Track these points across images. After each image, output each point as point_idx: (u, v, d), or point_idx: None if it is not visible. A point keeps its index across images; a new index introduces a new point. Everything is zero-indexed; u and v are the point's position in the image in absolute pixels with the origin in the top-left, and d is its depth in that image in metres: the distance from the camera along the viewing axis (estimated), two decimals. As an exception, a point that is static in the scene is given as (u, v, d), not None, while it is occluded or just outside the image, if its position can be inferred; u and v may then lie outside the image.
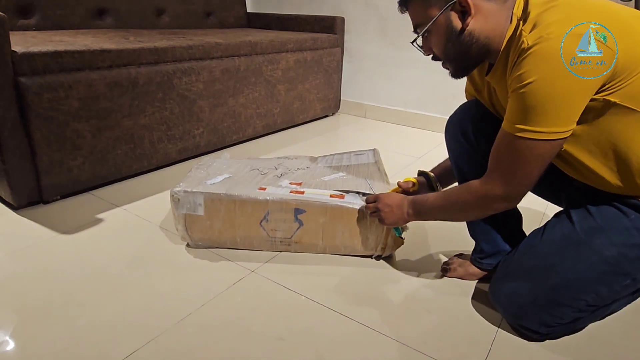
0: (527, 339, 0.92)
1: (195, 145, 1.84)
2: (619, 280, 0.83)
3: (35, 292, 1.01)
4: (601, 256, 0.82)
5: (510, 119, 0.78)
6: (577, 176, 0.87)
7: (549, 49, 0.71)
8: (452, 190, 0.93)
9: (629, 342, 0.94)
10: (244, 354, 0.86)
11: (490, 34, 0.82)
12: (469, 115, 1.02)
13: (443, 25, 0.83)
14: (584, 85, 0.72)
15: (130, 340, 0.88)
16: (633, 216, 0.82)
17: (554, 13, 0.74)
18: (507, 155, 0.81)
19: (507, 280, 0.92)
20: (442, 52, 0.87)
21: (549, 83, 0.72)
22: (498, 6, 0.80)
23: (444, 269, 1.14)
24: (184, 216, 1.14)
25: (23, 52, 1.24)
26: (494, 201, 0.86)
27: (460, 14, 0.81)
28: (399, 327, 0.95)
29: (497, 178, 0.84)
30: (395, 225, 1.07)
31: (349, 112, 2.86)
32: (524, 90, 0.74)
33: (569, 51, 0.71)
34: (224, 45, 1.88)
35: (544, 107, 0.73)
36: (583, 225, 0.85)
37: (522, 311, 0.89)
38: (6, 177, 1.30)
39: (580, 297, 0.84)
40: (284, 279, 1.10)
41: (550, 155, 0.79)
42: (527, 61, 0.73)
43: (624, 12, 0.76)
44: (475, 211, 0.93)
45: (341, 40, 2.63)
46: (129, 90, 1.52)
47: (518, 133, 0.77)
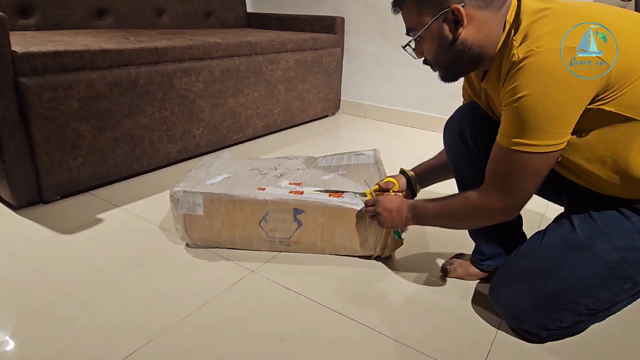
0: (527, 341, 0.92)
1: (195, 145, 1.84)
2: (619, 284, 0.82)
3: (35, 292, 1.01)
4: (602, 260, 0.82)
5: (505, 132, 0.78)
6: (577, 180, 0.87)
7: (539, 63, 0.71)
8: (451, 200, 0.93)
9: (629, 342, 0.94)
10: (244, 354, 0.86)
11: (483, 42, 0.81)
12: (467, 120, 1.02)
13: (435, 32, 0.82)
14: (580, 90, 0.71)
15: (130, 340, 0.88)
16: (634, 219, 0.82)
17: (544, 24, 0.73)
18: (504, 168, 0.81)
19: (507, 284, 0.92)
20: (434, 58, 0.87)
21: (541, 97, 0.72)
22: (492, 14, 0.80)
23: (443, 269, 1.14)
24: (184, 216, 1.14)
25: (23, 52, 1.24)
26: (493, 213, 0.86)
27: (453, 22, 0.80)
28: (399, 327, 0.95)
29: (495, 190, 0.84)
30: (394, 228, 1.07)
31: (349, 112, 2.86)
32: (517, 105, 0.74)
33: (569, 51, 0.71)
34: (224, 45, 1.88)
35: (538, 121, 0.73)
36: (584, 229, 0.85)
37: (522, 315, 0.89)
38: (6, 177, 1.30)
39: (581, 302, 0.84)
40: (284, 279, 1.10)
41: (547, 168, 0.79)
42: (518, 75, 0.73)
43: (620, 20, 0.75)
44: (473, 222, 0.94)
45: (341, 40, 2.63)
46: (129, 90, 1.52)
47: (513, 147, 0.77)
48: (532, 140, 0.75)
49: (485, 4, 0.79)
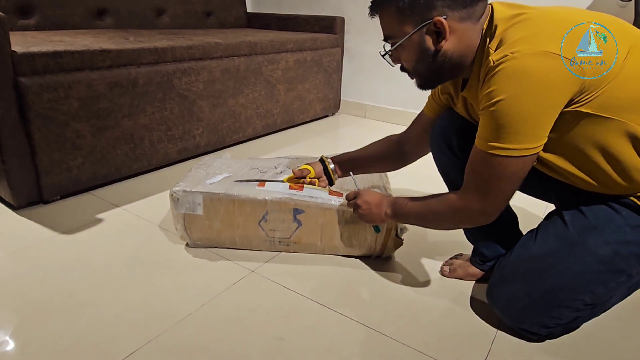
0: (528, 340, 0.92)
1: (195, 145, 1.84)
2: (614, 278, 0.83)
3: (35, 292, 1.01)
4: (596, 256, 0.82)
5: (482, 136, 0.79)
6: (563, 179, 0.88)
7: (514, 67, 0.71)
8: (431, 200, 0.93)
9: (629, 342, 0.94)
10: (244, 354, 0.86)
11: (463, 51, 0.82)
12: (451, 128, 1.02)
13: (416, 43, 0.82)
14: (556, 94, 0.72)
15: (130, 340, 0.88)
16: (624, 213, 0.83)
17: (519, 29, 0.74)
18: (481, 172, 0.81)
19: (504, 284, 0.92)
20: (412, 67, 0.87)
21: (516, 101, 0.72)
22: (472, 24, 0.80)
23: (443, 270, 1.14)
24: (183, 216, 1.14)
25: (23, 52, 1.24)
26: (471, 215, 0.86)
27: (434, 34, 0.80)
28: (399, 327, 0.95)
29: (473, 193, 0.84)
30: (373, 223, 1.07)
31: (349, 112, 2.86)
32: (493, 109, 0.74)
33: (569, 51, 0.71)
34: (224, 45, 1.88)
35: (513, 126, 0.73)
36: (576, 225, 0.86)
37: (521, 314, 0.89)
38: (6, 177, 1.30)
39: (578, 298, 0.84)
40: (284, 279, 1.10)
41: (524, 171, 0.79)
42: (494, 80, 0.73)
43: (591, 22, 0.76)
44: (451, 223, 0.93)
45: (341, 40, 2.63)
46: (129, 90, 1.52)
47: (490, 150, 0.77)
48: (508, 144, 0.75)
49: (467, 15, 0.79)
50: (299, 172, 1.19)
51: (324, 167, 1.21)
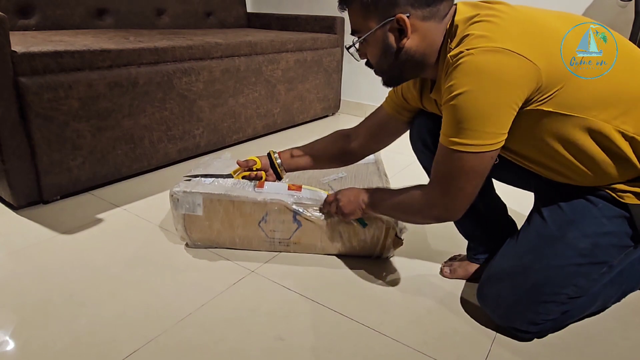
0: (520, 340, 0.92)
1: (195, 145, 1.84)
2: (596, 269, 0.85)
3: (35, 292, 1.01)
4: (576, 249, 0.84)
5: (444, 131, 0.80)
6: (538, 171, 0.89)
7: (470, 63, 0.72)
8: (401, 193, 0.94)
9: (628, 342, 0.94)
10: (244, 354, 0.86)
11: (426, 50, 0.83)
12: (425, 128, 1.04)
13: (379, 39, 0.83)
14: (510, 91, 0.72)
15: (130, 340, 0.88)
16: (601, 205, 0.84)
17: (477, 27, 0.75)
18: (443, 168, 0.82)
19: (491, 284, 0.94)
20: (376, 63, 0.88)
21: (473, 97, 0.72)
22: (435, 23, 0.81)
23: (444, 271, 1.14)
24: (183, 216, 1.14)
25: (23, 52, 1.24)
26: (433, 210, 0.87)
27: (397, 31, 0.81)
28: (399, 327, 0.95)
29: (435, 189, 0.85)
30: (353, 215, 1.07)
31: (349, 112, 2.86)
32: (453, 103, 0.75)
33: (569, 51, 0.71)
34: (224, 45, 1.88)
35: (471, 121, 0.74)
36: (555, 220, 0.87)
37: (509, 313, 0.90)
38: (6, 177, 1.30)
39: (561, 292, 0.85)
40: (284, 279, 1.10)
41: (484, 168, 0.79)
42: (453, 75, 0.74)
43: (549, 23, 0.76)
44: (417, 217, 0.94)
45: (341, 40, 2.63)
46: (129, 90, 1.52)
47: (451, 146, 0.78)
48: (466, 140, 0.76)
49: (430, 14, 0.80)
50: (244, 162, 1.19)
51: (271, 161, 1.22)
